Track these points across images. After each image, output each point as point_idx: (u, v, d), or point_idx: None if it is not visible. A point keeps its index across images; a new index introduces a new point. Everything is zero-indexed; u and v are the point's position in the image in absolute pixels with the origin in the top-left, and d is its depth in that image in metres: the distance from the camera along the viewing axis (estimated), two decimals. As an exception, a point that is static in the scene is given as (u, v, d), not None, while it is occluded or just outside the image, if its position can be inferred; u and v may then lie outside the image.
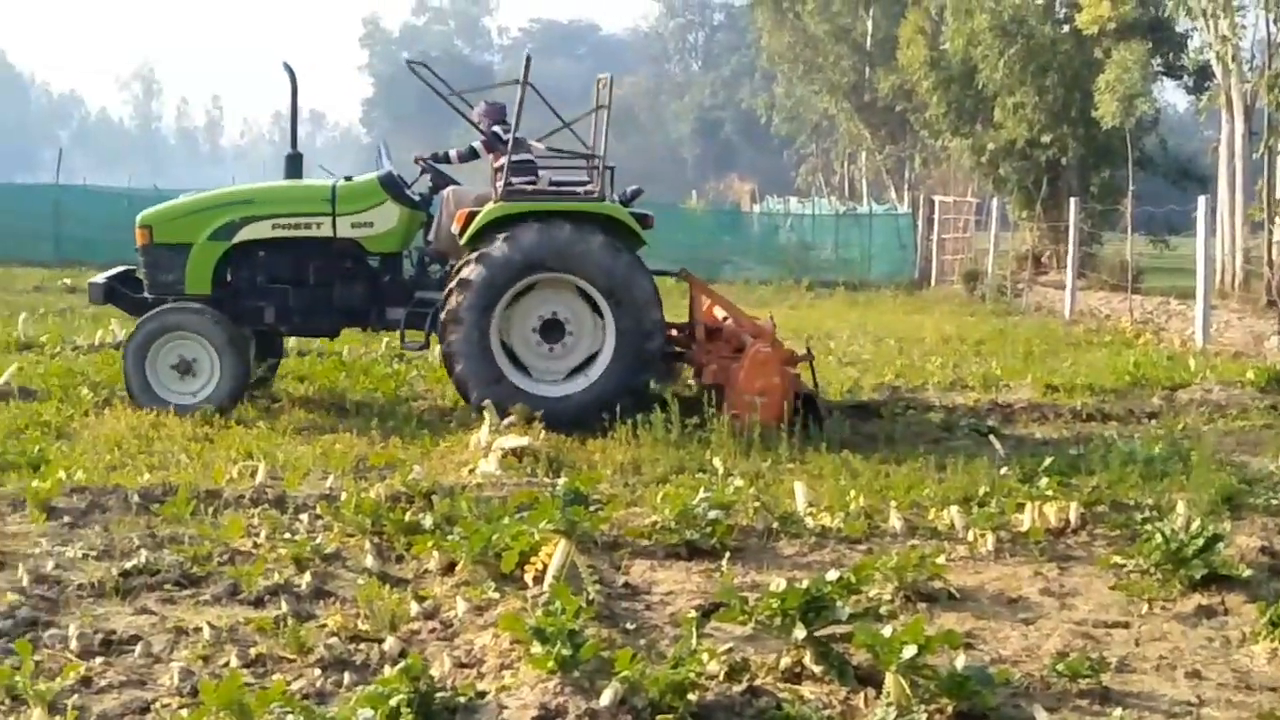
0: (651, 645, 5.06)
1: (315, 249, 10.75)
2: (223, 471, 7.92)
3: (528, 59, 10.65)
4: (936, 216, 30.10)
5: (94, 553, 6.20)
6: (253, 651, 4.93)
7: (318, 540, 6.42)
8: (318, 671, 4.75)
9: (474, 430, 9.23)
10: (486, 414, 9.36)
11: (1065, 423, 10.85)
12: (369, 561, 6.17)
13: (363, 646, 5.05)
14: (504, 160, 10.43)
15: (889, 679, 4.45)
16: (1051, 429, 10.61)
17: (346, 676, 4.70)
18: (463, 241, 10.21)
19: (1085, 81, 26.74)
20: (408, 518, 6.64)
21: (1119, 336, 17.56)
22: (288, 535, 6.56)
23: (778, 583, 5.08)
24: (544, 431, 9.19)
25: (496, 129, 11.33)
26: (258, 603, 5.58)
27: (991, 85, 28.26)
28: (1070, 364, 14.10)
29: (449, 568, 6.08)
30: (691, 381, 11.32)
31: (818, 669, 4.77)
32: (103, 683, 4.62)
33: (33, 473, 7.78)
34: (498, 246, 9.96)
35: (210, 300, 10.60)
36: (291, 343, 13.57)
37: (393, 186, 10.80)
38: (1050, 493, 7.31)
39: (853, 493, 7.51)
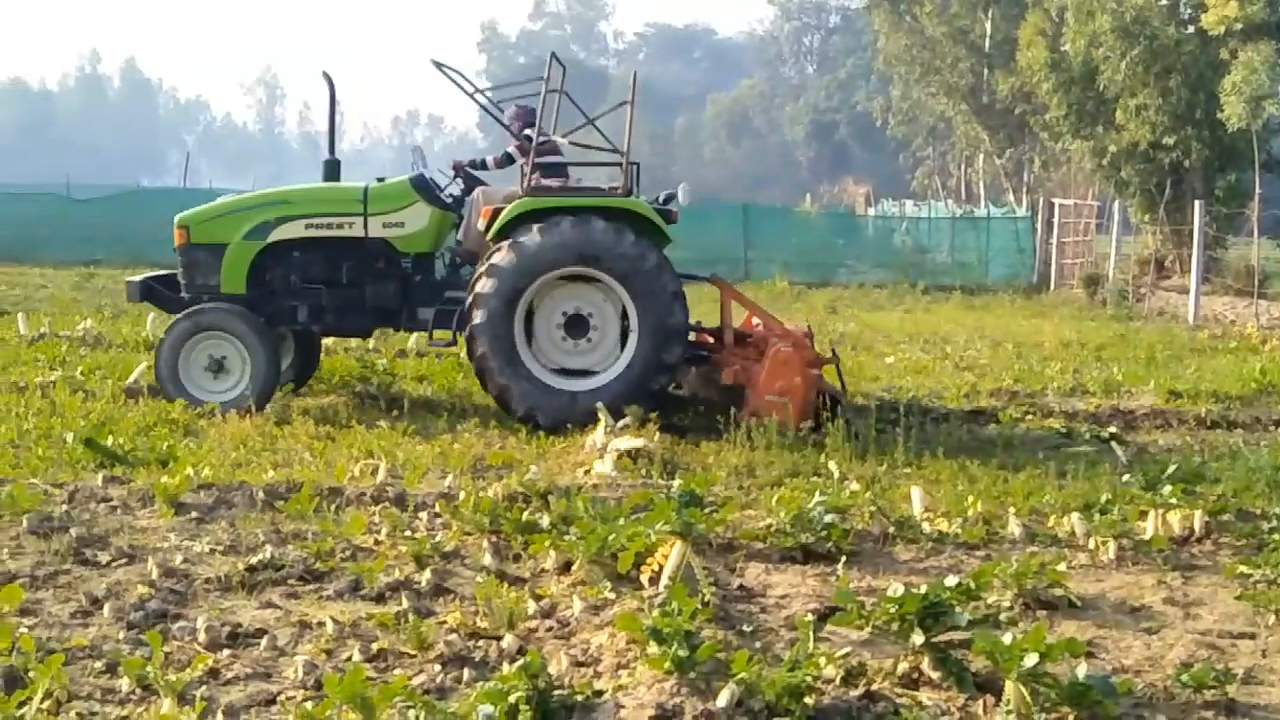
0: (767, 648, 5.06)
1: (347, 249, 10.97)
2: (344, 470, 8.06)
3: (552, 56, 11.06)
4: (1056, 220, 29.61)
5: (221, 548, 6.34)
6: (374, 646, 5.01)
7: (437, 538, 6.50)
8: (438, 667, 4.81)
9: (589, 432, 9.30)
10: (601, 416, 9.42)
11: (1189, 430, 10.66)
12: (487, 560, 6.24)
13: (481, 643, 5.11)
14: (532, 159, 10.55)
15: (1009, 687, 4.40)
16: (1175, 436, 10.42)
17: (466, 673, 4.76)
18: (489, 236, 10.35)
19: (1210, 83, 26.11)
20: (525, 517, 6.70)
21: (1244, 343, 17.15)
22: (408, 533, 6.65)
23: (895, 588, 5.05)
24: (659, 433, 9.21)
25: (528, 131, 11.42)
26: (379, 599, 5.67)
27: (1113, 87, 27.72)
28: (1194, 370, 13.82)
29: (565, 567, 6.13)
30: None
31: (936, 675, 4.73)
32: (229, 674, 4.73)
33: (161, 469, 8.02)
34: (529, 236, 10.09)
35: (245, 300, 10.84)
36: (410, 344, 13.80)
37: (424, 188, 11.01)
38: (1174, 500, 7.16)
39: (970, 498, 7.43)
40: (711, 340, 10.87)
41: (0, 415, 9.62)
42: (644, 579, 5.77)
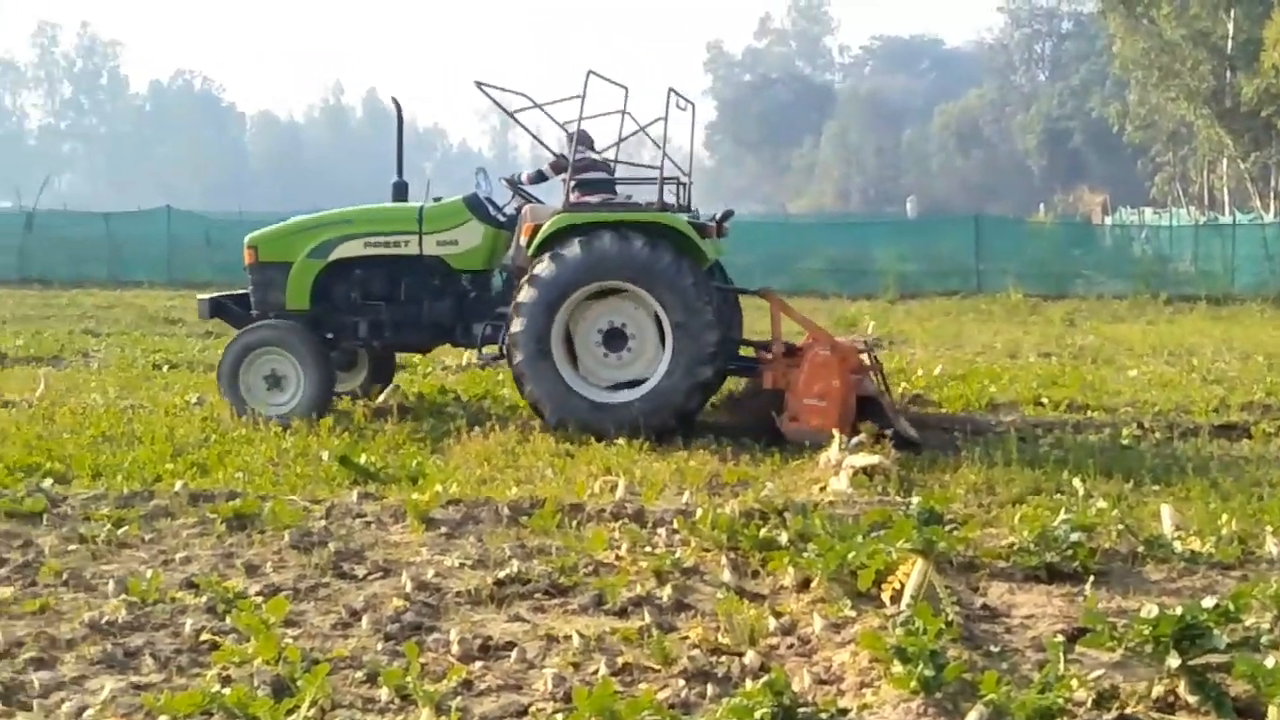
0: (1014, 669, 4.96)
1: (404, 266, 11.36)
2: (584, 486, 8.22)
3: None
4: (1308, 225, 28.30)
5: (469, 562, 6.53)
6: (619, 660, 5.09)
7: (676, 554, 6.57)
8: (681, 682, 4.87)
9: (824, 449, 9.27)
10: (836, 433, 9.39)
11: None
12: (726, 576, 6.28)
13: (723, 659, 5.14)
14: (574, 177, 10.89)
15: (1272, 712, 4.24)
16: None
17: (709, 688, 4.80)
18: (530, 252, 10.59)
19: None
20: (762, 534, 6.72)
21: None
22: (647, 549, 6.74)
23: (1148, 608, 4.90)
24: (895, 450, 9.14)
25: (590, 153, 11.66)
26: (622, 613, 5.77)
27: (1369, 85, 26.40)
28: None
29: (804, 584, 6.13)
30: None
31: (1193, 699, 4.58)
32: (482, 686, 4.87)
33: (412, 485, 8.32)
34: (570, 249, 10.34)
35: (309, 316, 11.33)
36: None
37: (478, 207, 11.35)
38: None
39: (1224, 516, 7.16)
40: (768, 355, 10.78)
41: (260, 435, 10.09)
42: (885, 597, 5.74)
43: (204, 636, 5.31)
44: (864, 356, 10.64)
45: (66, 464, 8.93)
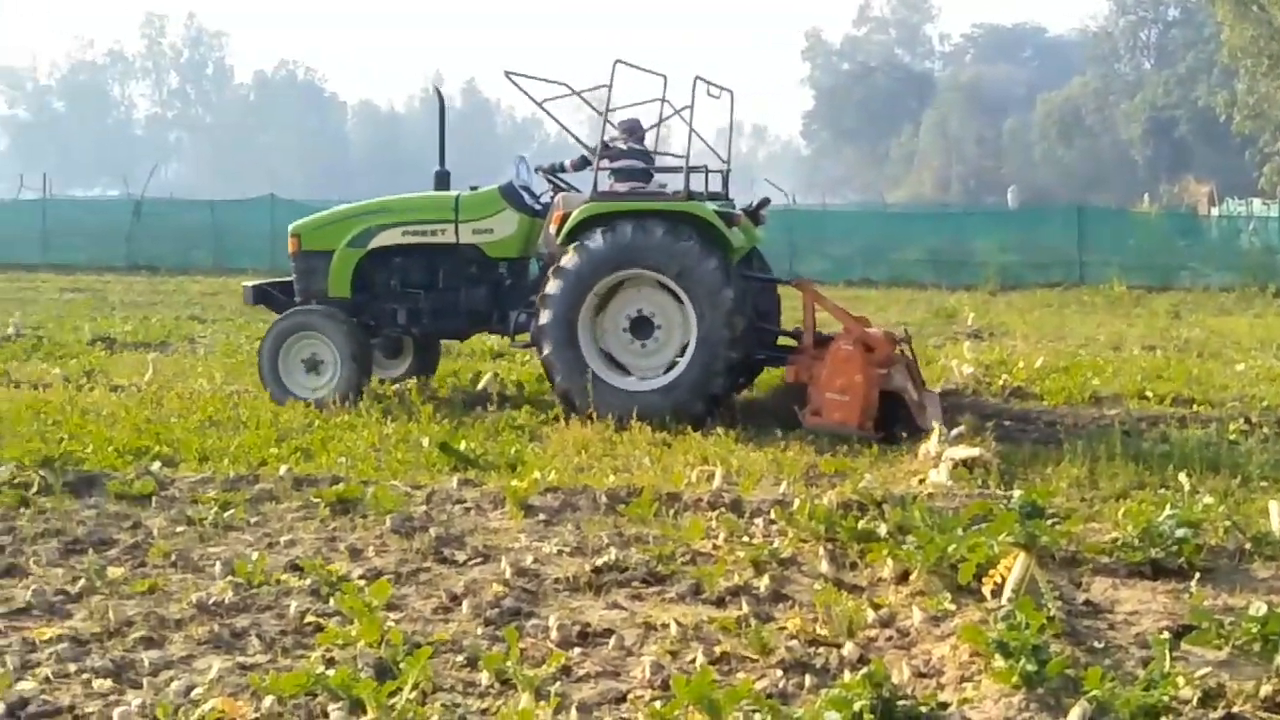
0: (1117, 666, 4.90)
1: (441, 254, 11.55)
2: (681, 475, 8.24)
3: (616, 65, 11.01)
4: None
5: (568, 549, 6.58)
6: (717, 649, 5.10)
7: (774, 544, 6.56)
8: (779, 672, 4.86)
9: (923, 440, 9.21)
10: (936, 425, 9.32)
11: None
12: (824, 567, 6.27)
13: (821, 650, 5.13)
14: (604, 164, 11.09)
15: (1386, 715, 4.15)
16: None
17: (807, 679, 4.79)
18: (559, 241, 10.73)
19: None
20: (860, 525, 6.69)
21: None
22: (745, 539, 6.74)
23: (1257, 606, 4.82)
24: (995, 443, 9.04)
25: (631, 143, 11.72)
26: (719, 602, 5.77)
27: None
28: None
29: (903, 576, 6.09)
30: None
31: (1303, 700, 4.50)
32: (581, 672, 4.90)
33: (510, 472, 8.39)
34: (594, 239, 10.46)
35: (349, 303, 11.54)
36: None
37: (512, 195, 11.50)
38: None
39: (1337, 514, 6.99)
40: (795, 343, 10.89)
41: (362, 421, 10.22)
42: (985, 591, 5.68)
43: (308, 618, 5.41)
44: (898, 349, 10.65)
45: (174, 448, 9.12)
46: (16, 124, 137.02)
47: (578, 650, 5.10)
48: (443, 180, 12.13)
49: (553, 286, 10.55)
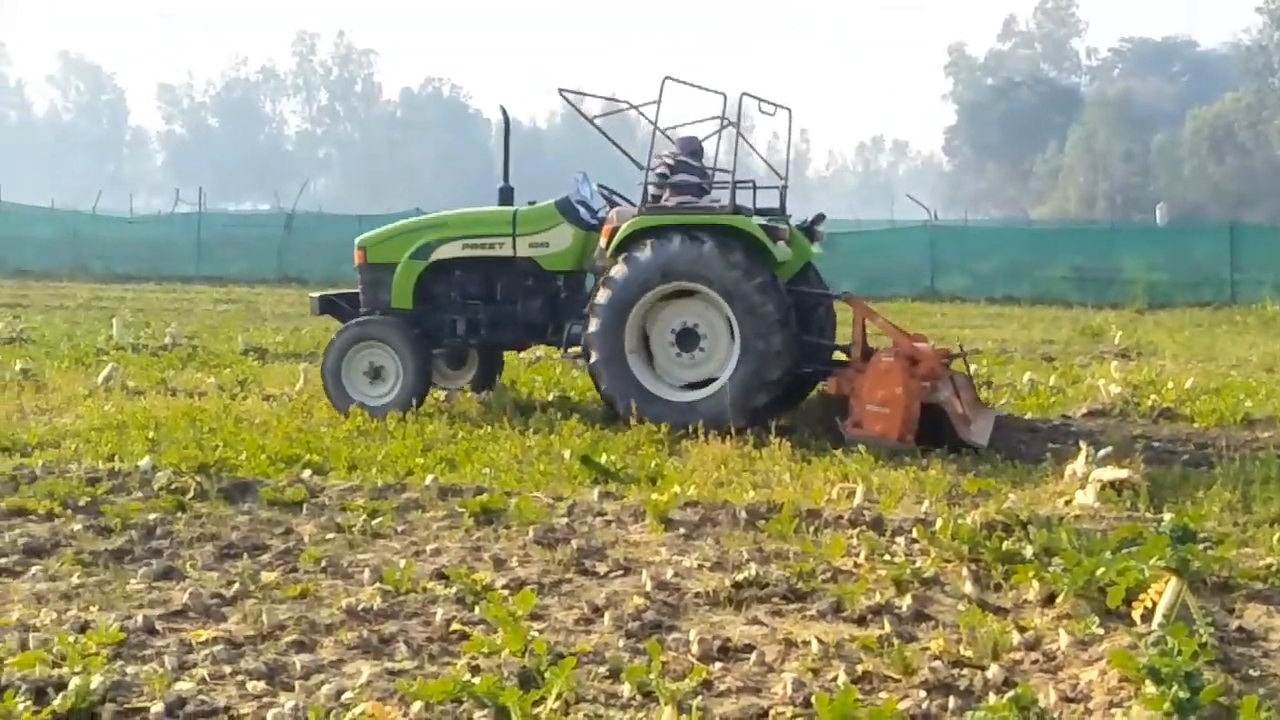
0: (1272, 694, 4.77)
1: (499, 267, 11.86)
2: (822, 492, 8.21)
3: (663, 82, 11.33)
4: None
5: (708, 563, 6.59)
6: (859, 668, 5.08)
7: (916, 564, 6.50)
8: (923, 693, 4.82)
9: (1068, 460, 9.05)
10: (1083, 445, 9.16)
11: None
12: (967, 588, 6.19)
13: (965, 672, 5.07)
14: (660, 180, 11.38)
15: None
16: None
17: (951, 701, 4.74)
18: (609, 253, 11.01)
19: None
20: (1005, 546, 6.59)
21: None
22: (886, 557, 6.69)
23: None
24: (1144, 465, 8.86)
25: (684, 157, 11.95)
26: (860, 621, 5.74)
27: None
28: None
29: (1049, 599, 5.99)
30: None
31: None
32: (722, 686, 4.91)
33: (650, 486, 8.44)
34: (643, 251, 10.74)
35: (411, 314, 11.85)
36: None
37: (569, 210, 11.77)
38: None
39: None
40: (845, 357, 11.07)
41: (505, 433, 10.36)
42: (1135, 615, 5.56)
43: (454, 626, 5.49)
44: (946, 364, 10.81)
45: (324, 456, 9.34)
46: (174, 140, 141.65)
47: (718, 665, 5.10)
48: (506, 195, 12.41)
49: (601, 296, 10.87)
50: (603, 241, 11.25)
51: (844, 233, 36.46)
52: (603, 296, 10.85)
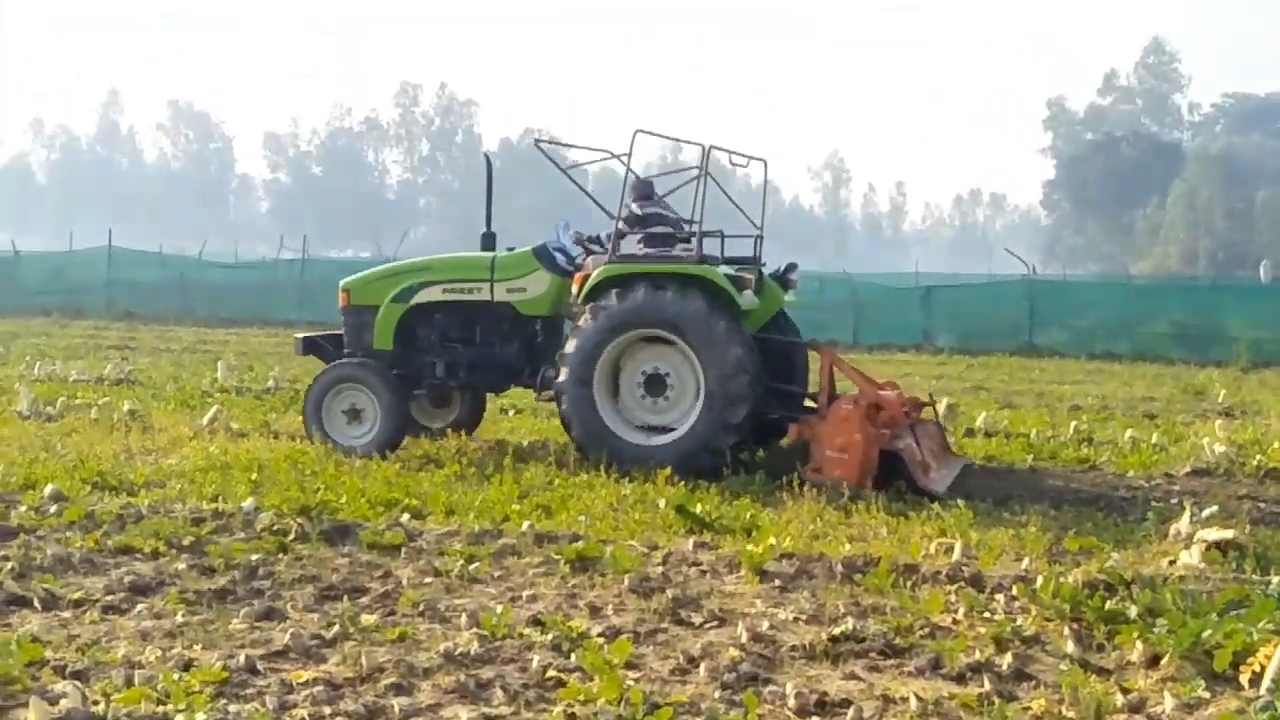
0: (1387, 765, 4.65)
1: (477, 311, 12.22)
2: (919, 547, 8.12)
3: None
4: None
5: (803, 616, 6.56)
6: (958, 726, 5.03)
7: (1016, 621, 6.42)
8: (1024, 753, 4.76)
9: (1172, 520, 8.89)
10: (1186, 505, 9.01)
11: None
12: (1069, 647, 6.09)
13: (1067, 733, 5.00)
14: (619, 229, 11.60)
15: None
16: None
17: (1052, 761, 4.68)
18: (579, 301, 11.32)
19: None
20: (1108, 606, 6.49)
21: None
22: (986, 614, 6.61)
23: None
24: (1250, 525, 8.67)
25: (634, 205, 12.20)
26: (960, 678, 5.67)
27: None
28: None
29: (1153, 661, 5.87)
30: None
31: None
32: (821, 741, 4.88)
33: (746, 537, 8.43)
34: (608, 300, 11.06)
35: (392, 356, 12.19)
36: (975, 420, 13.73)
37: (545, 256, 12.09)
38: None
39: None
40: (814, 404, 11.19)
41: (600, 480, 10.39)
42: (1243, 679, 5.45)
43: (550, 673, 5.52)
44: (913, 412, 11.22)
45: (422, 500, 9.42)
46: (278, 187, 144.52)
47: (815, 719, 5.07)
48: (489, 241, 12.70)
49: (570, 345, 11.20)
50: (574, 289, 11.55)
51: (941, 286, 36.27)
52: (571, 345, 11.21)
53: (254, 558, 7.43)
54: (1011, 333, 30.82)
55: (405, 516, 8.75)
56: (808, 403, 11.58)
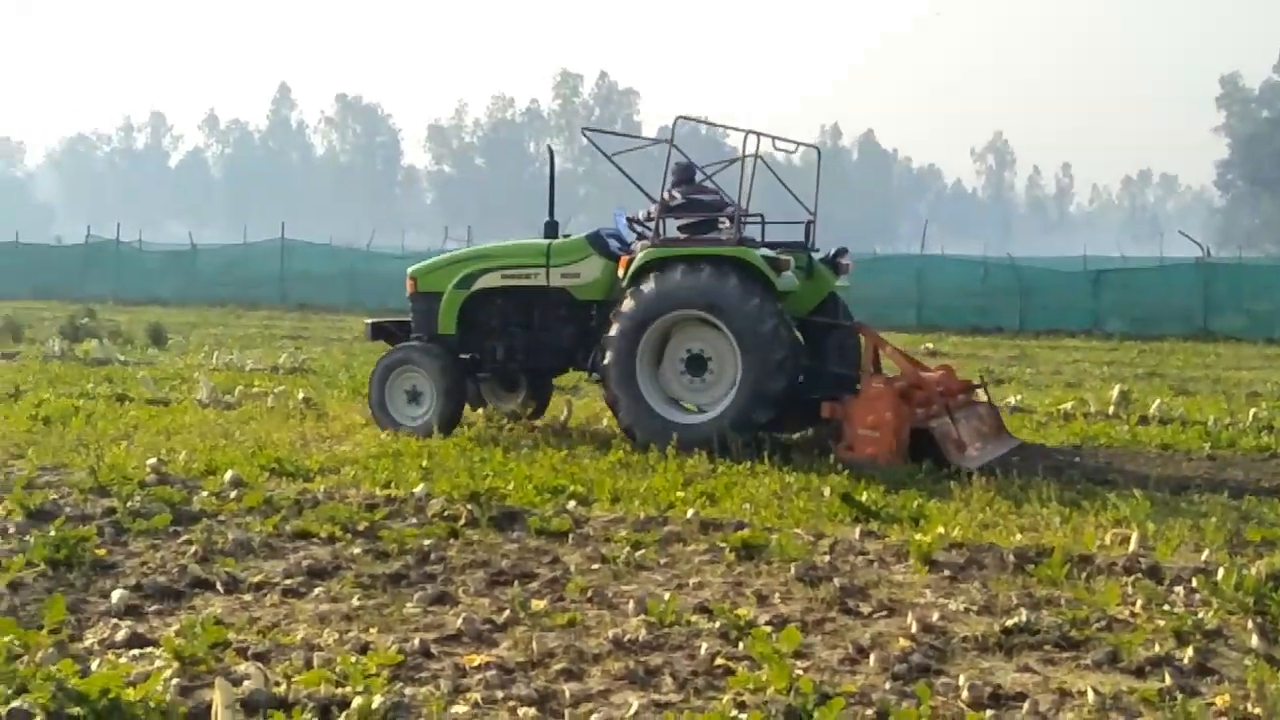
0: None
1: (535, 296, 12.55)
2: (1093, 537, 7.93)
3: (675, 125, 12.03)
4: None
5: (974, 607, 6.45)
6: (1138, 722, 4.90)
7: (1197, 615, 6.23)
8: (1210, 750, 4.62)
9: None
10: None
11: None
12: (1254, 642, 5.88)
13: (1254, 731, 4.84)
14: (657, 211, 12.04)
15: None
16: None
17: (1240, 760, 4.53)
18: (624, 285, 11.66)
19: None
20: (1294, 600, 6.27)
21: None
22: (1165, 607, 6.42)
23: None
24: None
25: (696, 195, 12.53)
26: (1139, 672, 5.51)
27: None
28: None
29: (1344, 657, 5.66)
30: None
31: None
32: (994, 734, 4.80)
33: (913, 526, 8.31)
34: (648, 283, 11.38)
35: (455, 340, 12.62)
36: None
37: (598, 243, 12.42)
38: None
39: None
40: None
41: (764, 468, 10.33)
42: None
43: (718, 661, 5.51)
44: (956, 393, 11.64)
45: (588, 487, 9.50)
46: (442, 179, 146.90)
47: (989, 712, 4.96)
48: (551, 229, 13.01)
49: (614, 328, 11.52)
50: (619, 272, 11.85)
51: (1110, 270, 35.37)
52: (615, 327, 11.52)
53: (426, 543, 7.57)
54: (1185, 317, 30.01)
55: (572, 503, 8.83)
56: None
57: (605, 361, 11.54)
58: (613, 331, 11.53)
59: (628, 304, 11.50)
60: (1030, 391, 16.95)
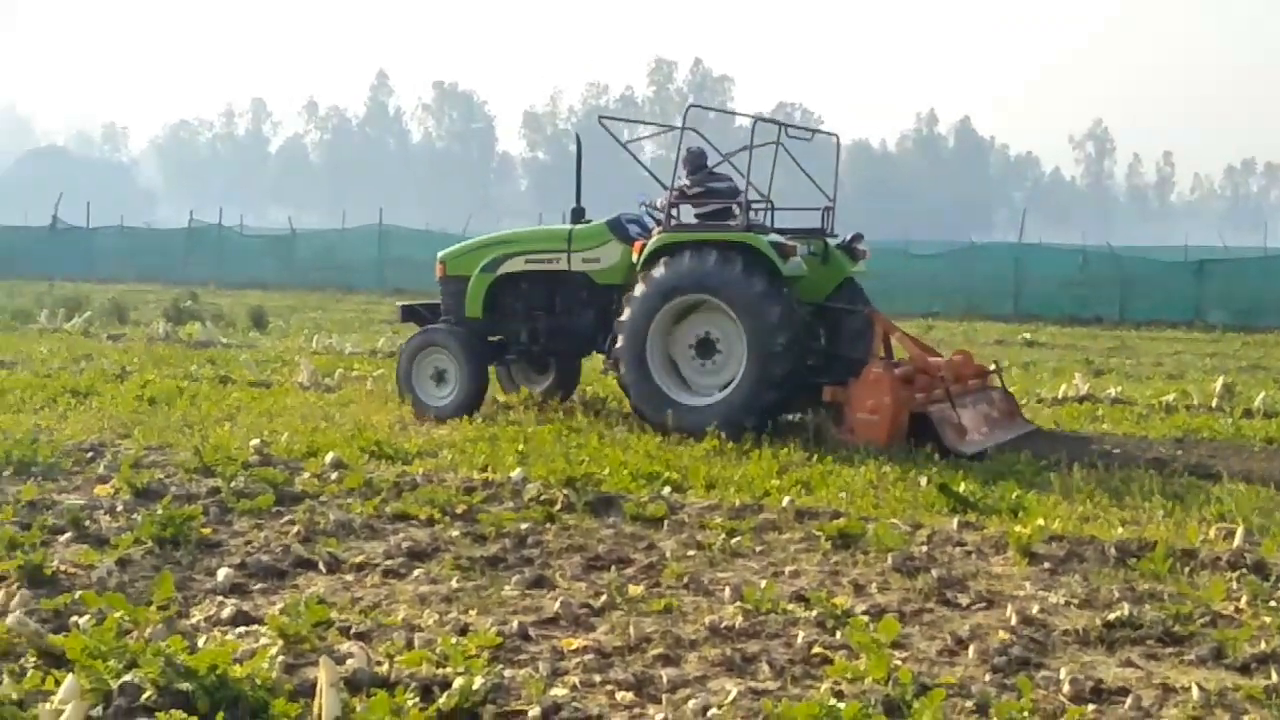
0: None
1: (556, 281, 12.74)
2: (1197, 531, 7.80)
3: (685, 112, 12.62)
4: None
5: (1075, 600, 6.38)
6: (1245, 719, 4.82)
7: (1307, 612, 6.12)
8: (1316, 750, 4.53)
9: None
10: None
11: None
12: (1364, 641, 5.77)
13: (1361, 730, 4.74)
14: (670, 198, 12.35)
15: None
16: None
17: (1348, 760, 4.44)
18: (637, 270, 11.84)
19: None
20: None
21: None
22: (1272, 603, 6.31)
23: None
24: None
25: (712, 184, 12.79)
26: (1244, 669, 5.42)
27: None
28: None
29: None
30: None
31: None
32: (1095, 730, 4.74)
33: (1012, 517, 8.22)
34: (658, 268, 11.60)
35: (482, 323, 12.85)
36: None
37: (618, 228, 12.55)
38: None
39: None
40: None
41: (860, 457, 10.26)
42: None
43: (815, 649, 5.50)
44: (971, 378, 11.86)
45: (683, 474, 9.52)
46: (536, 165, 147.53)
47: (1091, 707, 4.91)
48: (579, 215, 13.16)
49: (626, 313, 11.74)
50: (634, 258, 12.01)
51: (1213, 260, 34.70)
52: (626, 313, 11.75)
53: (523, 526, 7.63)
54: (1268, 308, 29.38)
55: (667, 489, 8.85)
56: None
57: (618, 345, 11.80)
58: (624, 316, 11.77)
59: (639, 288, 11.74)
60: (1131, 383, 16.68)
